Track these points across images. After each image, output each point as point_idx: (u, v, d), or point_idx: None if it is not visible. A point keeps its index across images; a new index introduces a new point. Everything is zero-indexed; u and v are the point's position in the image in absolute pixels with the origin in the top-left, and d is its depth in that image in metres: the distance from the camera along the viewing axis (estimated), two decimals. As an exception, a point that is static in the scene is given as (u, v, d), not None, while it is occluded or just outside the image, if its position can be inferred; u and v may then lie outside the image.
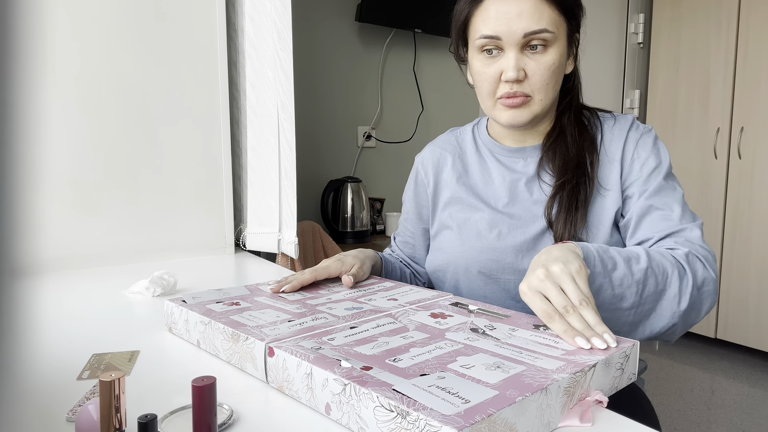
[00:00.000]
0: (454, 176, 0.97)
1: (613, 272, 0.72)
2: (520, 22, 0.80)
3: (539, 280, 0.64)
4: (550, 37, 0.81)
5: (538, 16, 0.80)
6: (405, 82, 2.69)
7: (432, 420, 0.43)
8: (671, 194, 0.84)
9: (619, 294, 0.73)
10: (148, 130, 1.27)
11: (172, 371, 0.66)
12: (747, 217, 2.69)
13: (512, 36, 0.81)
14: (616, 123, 0.89)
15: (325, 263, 0.88)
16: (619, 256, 0.73)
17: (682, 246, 0.79)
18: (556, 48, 0.82)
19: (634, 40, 3.12)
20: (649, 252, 0.75)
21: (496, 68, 0.84)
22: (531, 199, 0.89)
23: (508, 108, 0.85)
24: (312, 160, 2.43)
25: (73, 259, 1.20)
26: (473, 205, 0.92)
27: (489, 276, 0.89)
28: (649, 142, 0.86)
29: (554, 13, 0.81)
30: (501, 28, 0.81)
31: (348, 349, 0.59)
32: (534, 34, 0.80)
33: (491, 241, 0.88)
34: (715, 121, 2.78)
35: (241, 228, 1.46)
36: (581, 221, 0.83)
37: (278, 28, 1.28)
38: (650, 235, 0.82)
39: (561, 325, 0.61)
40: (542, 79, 0.82)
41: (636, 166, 0.85)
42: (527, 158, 0.92)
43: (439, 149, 1.01)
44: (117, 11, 1.21)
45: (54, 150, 1.18)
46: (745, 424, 2.10)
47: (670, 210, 0.82)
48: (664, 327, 0.76)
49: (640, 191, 0.84)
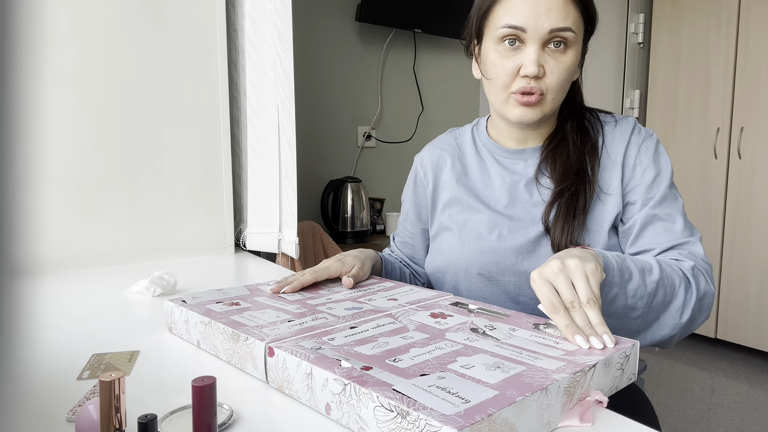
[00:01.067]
0: (453, 177, 0.96)
1: (629, 283, 0.72)
2: (547, 17, 0.79)
3: (552, 271, 0.64)
4: (572, 38, 0.81)
5: (565, 14, 0.79)
6: (405, 82, 2.69)
7: (432, 420, 0.43)
8: (673, 204, 0.84)
9: (631, 304, 0.73)
10: (148, 130, 1.27)
11: (172, 371, 0.66)
12: (747, 217, 2.69)
13: (538, 30, 0.79)
14: (618, 125, 0.89)
15: (325, 264, 0.88)
16: (634, 266, 0.73)
17: (687, 258, 0.79)
18: (575, 50, 0.82)
19: (634, 40, 3.12)
20: (660, 263, 0.76)
21: (515, 62, 0.82)
22: (531, 201, 0.89)
23: (520, 105, 0.83)
24: (312, 160, 2.43)
25: (73, 259, 1.20)
26: (473, 206, 0.92)
27: (489, 278, 0.88)
28: (651, 147, 0.86)
29: (578, 15, 0.81)
30: (528, 21, 0.79)
31: (348, 349, 0.59)
32: (559, 32, 0.79)
33: (491, 242, 0.88)
34: (715, 121, 2.78)
35: (241, 228, 1.46)
36: (579, 228, 0.83)
37: (278, 28, 1.28)
38: (653, 246, 0.82)
39: (564, 319, 0.61)
40: (558, 78, 0.82)
41: (638, 171, 0.85)
42: (527, 160, 0.91)
43: (438, 150, 1.01)
44: (117, 11, 1.21)
45: (54, 150, 1.18)
46: (745, 424, 2.10)
47: (672, 221, 0.83)
48: (664, 336, 0.78)
49: (643, 199, 0.84)
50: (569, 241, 0.82)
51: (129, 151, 1.25)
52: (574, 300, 0.62)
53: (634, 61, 3.13)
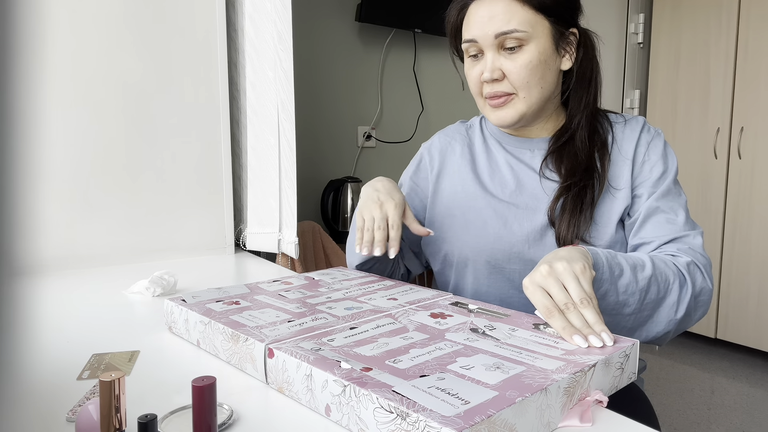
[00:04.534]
0: (461, 164, 0.98)
1: (620, 279, 0.73)
2: (491, 25, 0.84)
3: (542, 275, 0.65)
4: (523, 36, 0.83)
5: (508, 18, 0.83)
6: (405, 82, 2.69)
7: (432, 421, 0.43)
8: (677, 199, 0.86)
9: (622, 300, 0.74)
10: (148, 130, 1.27)
11: (172, 371, 0.66)
12: (747, 217, 2.68)
13: (485, 38, 0.85)
14: (627, 124, 0.92)
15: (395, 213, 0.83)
16: (625, 262, 0.74)
17: (684, 254, 0.81)
18: (533, 46, 0.84)
19: (634, 40, 3.12)
20: (654, 260, 0.77)
21: (478, 70, 0.88)
22: (538, 188, 0.90)
23: (494, 108, 0.88)
24: (312, 160, 2.43)
25: (73, 259, 1.20)
26: (479, 194, 0.93)
27: (495, 266, 0.90)
28: (660, 145, 0.89)
29: (528, 12, 0.83)
30: (477, 32, 0.85)
31: (348, 350, 0.59)
32: (505, 35, 0.83)
33: (497, 230, 0.90)
34: (715, 121, 2.78)
35: (241, 228, 1.46)
36: (585, 223, 0.84)
37: (278, 28, 1.28)
38: (653, 238, 0.83)
39: (560, 321, 0.61)
40: (520, 77, 0.85)
41: (646, 167, 0.88)
42: (534, 149, 0.93)
43: (447, 138, 1.03)
44: (117, 11, 1.21)
45: (54, 150, 1.18)
46: (745, 424, 2.10)
47: (674, 214, 0.85)
48: (659, 333, 0.79)
49: (649, 192, 0.86)
50: (575, 236, 0.83)
51: (129, 152, 1.25)
52: (567, 302, 0.62)
53: (634, 61, 3.13)
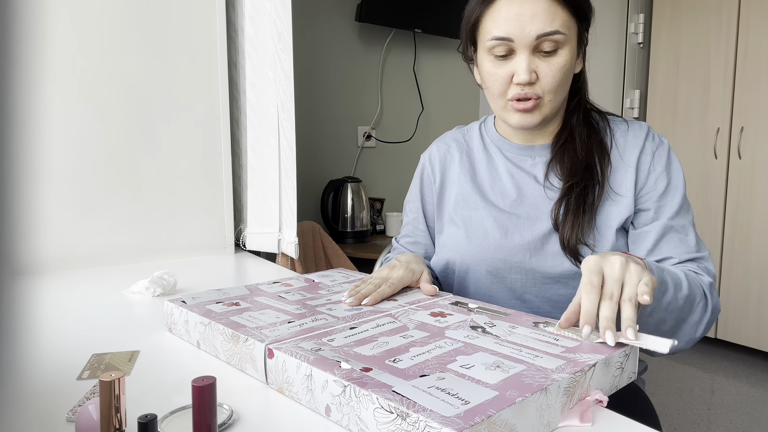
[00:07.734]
0: (461, 173, 0.96)
1: (664, 296, 0.72)
2: (533, 24, 0.78)
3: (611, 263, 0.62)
4: (562, 39, 0.80)
5: (551, 18, 0.79)
6: (405, 82, 2.69)
7: (432, 421, 0.43)
8: (686, 216, 0.85)
9: (663, 318, 0.73)
10: (148, 130, 1.27)
11: (172, 371, 0.66)
12: (747, 217, 2.68)
13: (525, 38, 0.79)
14: (630, 129, 0.89)
15: (397, 274, 0.82)
16: (670, 280, 0.73)
17: (706, 274, 0.81)
18: (568, 49, 0.81)
19: (634, 40, 3.12)
20: (688, 278, 0.76)
21: (508, 70, 0.82)
22: (539, 197, 0.89)
23: (519, 111, 0.84)
24: (312, 160, 2.43)
25: (73, 259, 1.20)
26: (479, 203, 0.92)
27: (495, 275, 0.89)
28: (664, 155, 0.87)
29: (566, 14, 0.80)
30: (513, 30, 0.79)
31: (348, 350, 0.59)
32: (547, 36, 0.79)
33: (498, 239, 0.88)
34: (715, 121, 2.78)
35: (241, 228, 1.45)
36: (588, 225, 0.83)
37: (278, 28, 1.28)
38: (672, 255, 0.83)
39: (589, 303, 0.60)
40: (554, 81, 0.81)
41: (651, 178, 0.85)
42: (535, 157, 0.91)
43: (445, 146, 1.00)
44: (117, 11, 1.21)
45: (54, 150, 1.18)
46: (745, 424, 2.10)
47: (685, 234, 0.84)
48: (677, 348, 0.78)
49: (656, 207, 0.84)
50: (578, 239, 0.82)
51: (129, 151, 1.25)
52: (614, 292, 0.60)
53: (634, 61, 3.13)
